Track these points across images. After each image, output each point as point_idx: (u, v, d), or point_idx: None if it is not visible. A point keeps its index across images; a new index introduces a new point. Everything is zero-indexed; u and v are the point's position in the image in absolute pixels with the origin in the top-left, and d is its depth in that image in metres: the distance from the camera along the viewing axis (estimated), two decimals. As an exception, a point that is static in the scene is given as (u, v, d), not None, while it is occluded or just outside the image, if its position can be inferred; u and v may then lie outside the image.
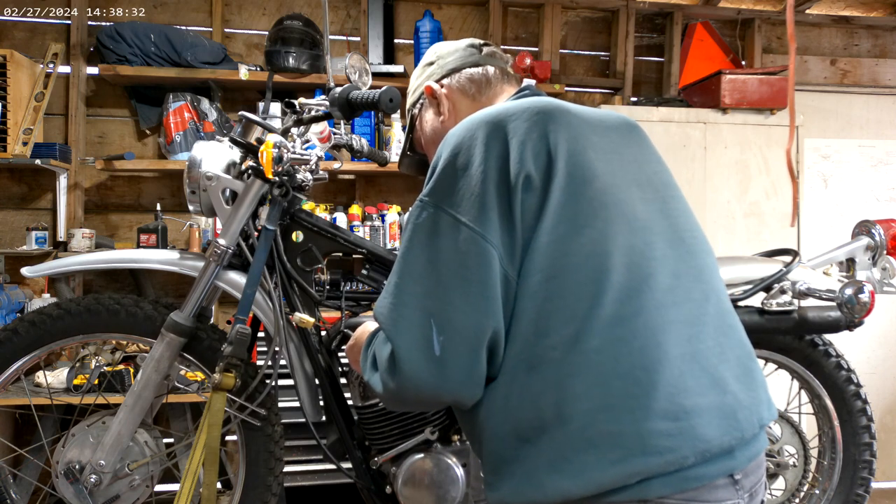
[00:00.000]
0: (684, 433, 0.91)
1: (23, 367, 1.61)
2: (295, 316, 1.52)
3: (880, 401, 3.56)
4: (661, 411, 0.91)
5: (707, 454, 0.92)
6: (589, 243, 0.97)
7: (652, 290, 0.97)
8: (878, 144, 3.69)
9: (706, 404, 0.94)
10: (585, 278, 0.95)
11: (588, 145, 1.04)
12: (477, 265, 0.96)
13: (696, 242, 1.09)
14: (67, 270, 1.61)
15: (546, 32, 3.44)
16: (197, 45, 2.96)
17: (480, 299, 0.96)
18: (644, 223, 1.02)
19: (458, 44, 1.36)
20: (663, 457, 0.90)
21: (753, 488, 1.00)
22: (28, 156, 2.75)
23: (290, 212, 1.59)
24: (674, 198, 1.12)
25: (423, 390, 0.97)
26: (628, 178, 1.06)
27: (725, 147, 3.05)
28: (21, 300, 2.84)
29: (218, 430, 1.45)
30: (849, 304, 1.59)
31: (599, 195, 1.00)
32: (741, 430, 0.96)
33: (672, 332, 0.96)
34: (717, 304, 1.05)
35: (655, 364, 0.93)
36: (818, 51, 3.70)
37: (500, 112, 1.06)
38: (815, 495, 1.87)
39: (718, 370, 0.98)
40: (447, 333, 0.95)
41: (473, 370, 0.97)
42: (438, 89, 1.33)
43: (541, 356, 0.95)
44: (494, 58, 1.34)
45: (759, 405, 1.01)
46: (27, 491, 2.34)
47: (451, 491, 1.43)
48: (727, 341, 1.03)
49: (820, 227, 3.57)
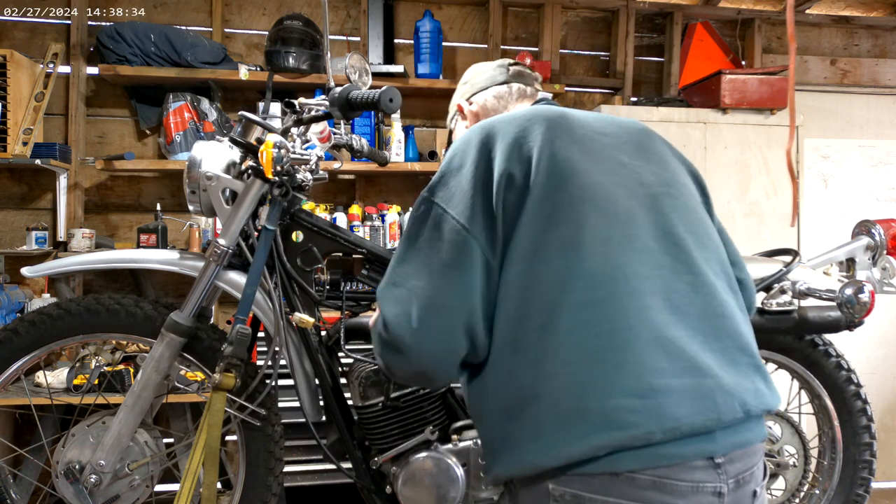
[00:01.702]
0: (650, 410, 0.96)
1: (23, 367, 1.61)
2: (295, 316, 1.52)
3: (880, 401, 3.56)
4: (627, 389, 0.97)
5: (677, 432, 0.95)
6: (565, 234, 1.05)
7: (627, 277, 1.02)
8: (878, 144, 3.69)
9: (678, 385, 0.98)
10: (559, 266, 1.03)
11: (577, 148, 1.12)
12: (457, 253, 1.07)
13: (691, 237, 1.12)
14: (67, 270, 1.61)
15: (546, 32, 3.44)
16: (197, 45, 2.96)
17: (458, 284, 1.06)
18: (626, 217, 1.08)
19: (490, 64, 1.51)
20: (627, 431, 0.95)
21: (741, 476, 1.02)
22: (28, 156, 2.75)
23: (290, 212, 1.59)
24: (671, 195, 1.15)
25: (404, 359, 1.10)
26: (618, 177, 1.12)
27: (725, 147, 3.05)
28: (21, 300, 2.84)
29: (218, 430, 1.45)
30: (849, 304, 1.59)
31: (579, 191, 1.07)
32: (718, 412, 0.98)
33: (646, 317, 1.01)
34: (707, 297, 1.07)
35: (624, 346, 0.99)
36: (818, 51, 3.70)
37: (498, 119, 1.17)
38: (815, 495, 1.87)
39: (700, 356, 1.01)
40: (425, 310, 1.07)
41: (446, 346, 1.07)
42: (467, 106, 1.49)
43: (521, 339, 1.03)
44: (521, 76, 1.47)
45: (744, 391, 1.03)
46: (27, 491, 2.34)
47: (451, 491, 1.43)
48: (715, 331, 1.06)
49: (820, 227, 3.57)
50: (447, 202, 1.11)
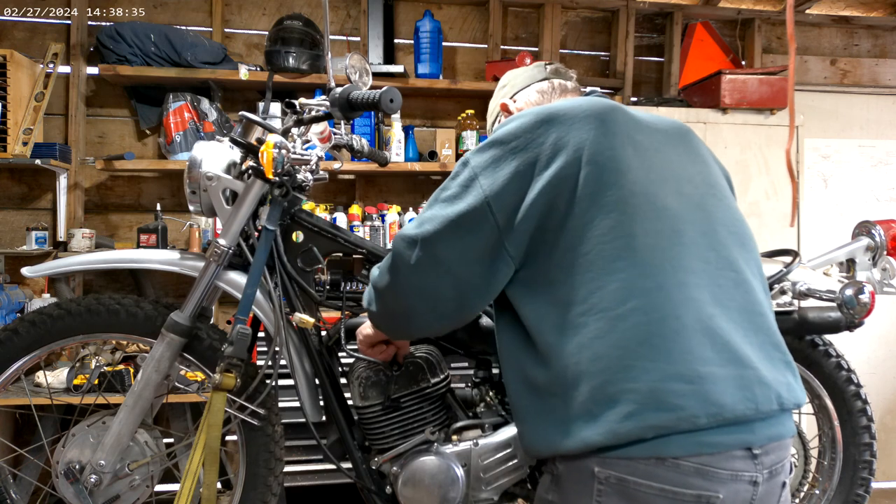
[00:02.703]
0: (697, 394, 0.99)
1: (23, 367, 1.61)
2: (295, 316, 1.52)
3: (880, 401, 3.56)
4: (675, 374, 1.00)
5: (720, 419, 0.99)
6: (616, 225, 1.08)
7: (675, 269, 1.06)
8: (878, 144, 3.69)
9: (723, 374, 1.02)
10: (611, 255, 1.06)
11: (629, 143, 1.15)
12: (470, 221, 1.12)
13: (732, 237, 1.17)
14: (67, 270, 1.61)
15: (546, 32, 3.44)
16: (197, 45, 2.96)
17: (460, 245, 1.13)
18: (674, 212, 1.12)
19: (527, 67, 1.53)
20: (675, 413, 0.98)
21: (774, 467, 1.06)
22: (28, 156, 2.75)
23: (291, 212, 1.59)
24: (714, 195, 1.20)
25: (389, 288, 1.20)
26: (665, 175, 1.16)
27: (725, 147, 3.05)
28: (21, 300, 2.84)
29: (218, 431, 1.45)
30: (849, 304, 1.59)
31: (630, 186, 1.10)
32: (756, 402, 1.02)
33: (693, 308, 1.05)
34: (746, 294, 1.12)
35: (673, 334, 1.02)
36: (818, 51, 3.70)
37: (556, 107, 1.18)
38: (815, 495, 1.87)
39: (742, 348, 1.06)
40: (423, 253, 1.15)
41: (430, 294, 1.16)
42: (511, 104, 1.49)
43: (571, 321, 1.06)
44: (559, 73, 1.49)
45: (779, 385, 1.07)
46: (27, 491, 2.34)
47: (451, 491, 1.43)
48: (753, 327, 1.10)
49: (820, 228, 3.57)
50: (482, 170, 1.14)
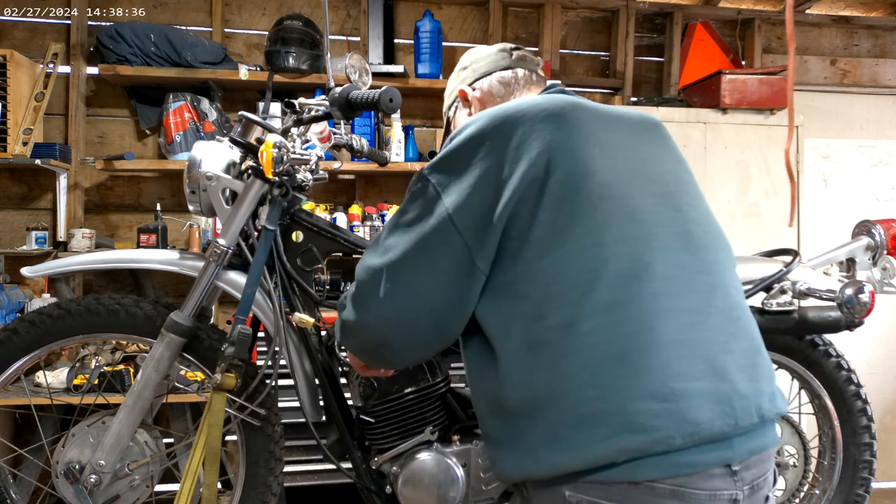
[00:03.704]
0: (671, 413, 0.94)
1: (23, 367, 1.61)
2: (295, 316, 1.52)
3: (880, 401, 3.56)
4: (649, 392, 0.95)
5: (696, 437, 0.94)
6: (586, 233, 1.02)
7: (650, 278, 1.01)
8: (878, 144, 3.69)
9: (699, 389, 0.97)
10: (581, 266, 1.01)
11: (594, 142, 1.09)
12: (438, 241, 1.07)
13: (706, 236, 1.11)
14: (67, 270, 1.61)
15: (546, 32, 3.44)
16: (197, 45, 2.96)
17: (430, 270, 1.07)
18: (647, 215, 1.06)
19: (490, 49, 1.43)
20: (649, 435, 0.93)
21: (755, 482, 1.01)
22: (28, 156, 2.75)
23: (290, 212, 1.59)
24: (687, 193, 1.14)
25: (362, 327, 1.15)
26: (635, 174, 1.10)
27: (725, 147, 3.05)
28: (21, 300, 2.84)
29: (219, 431, 1.45)
30: (849, 304, 1.59)
31: (599, 189, 1.04)
32: (735, 418, 0.97)
33: (669, 318, 0.99)
34: (724, 297, 1.07)
35: (647, 348, 0.97)
36: (818, 51, 3.70)
37: (513, 109, 1.11)
38: (816, 495, 1.87)
39: (719, 358, 1.00)
40: (393, 285, 1.09)
41: (407, 325, 1.10)
42: (471, 92, 1.40)
43: (539, 338, 1.01)
44: (524, 61, 1.40)
45: (759, 396, 1.02)
46: (27, 491, 2.34)
47: (451, 491, 1.43)
48: (732, 332, 1.05)
49: (820, 227, 3.57)
50: (444, 187, 1.08)
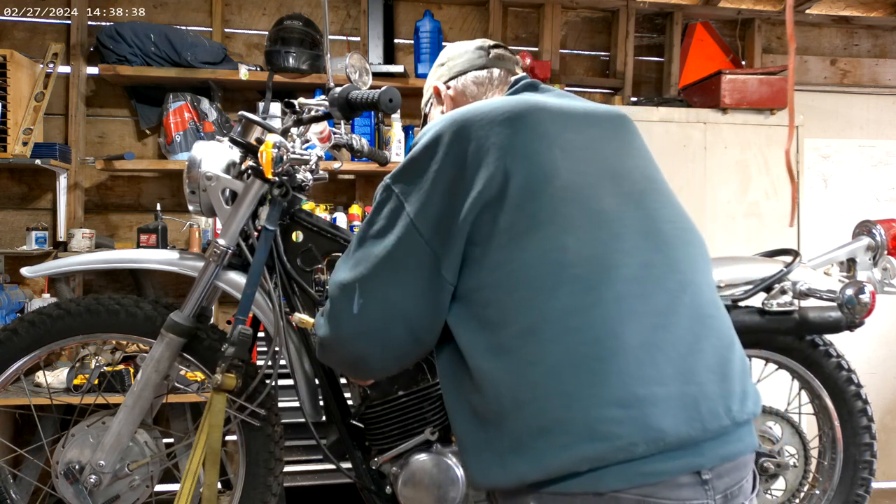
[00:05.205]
0: (635, 420, 0.92)
1: (23, 367, 1.61)
2: (295, 316, 1.52)
3: (880, 401, 3.56)
4: (612, 399, 0.93)
5: (661, 444, 0.92)
6: (547, 238, 1.00)
7: (613, 281, 0.99)
8: (878, 144, 3.69)
9: (664, 394, 0.94)
10: (543, 271, 0.99)
11: (555, 144, 1.07)
12: (404, 251, 1.07)
13: (677, 233, 1.09)
14: (67, 270, 1.61)
15: (546, 32, 3.44)
16: (197, 45, 2.96)
17: (399, 281, 1.07)
18: (612, 215, 1.04)
19: (468, 45, 1.40)
20: (610, 442, 0.91)
21: (729, 490, 0.98)
22: (28, 156, 2.75)
23: (290, 212, 1.59)
24: (655, 190, 1.12)
25: (339, 342, 1.15)
26: (601, 173, 1.08)
27: (725, 147, 3.05)
28: (21, 300, 2.84)
29: (219, 431, 1.45)
30: (849, 304, 1.59)
31: (561, 192, 1.03)
32: (702, 422, 0.95)
33: (634, 322, 0.97)
34: (694, 295, 1.04)
35: (610, 354, 0.95)
36: (818, 51, 3.70)
37: (471, 113, 1.09)
38: (816, 495, 1.87)
39: (686, 360, 0.98)
40: (366, 299, 1.09)
41: (383, 336, 1.10)
42: (444, 90, 1.38)
43: (504, 345, 0.99)
44: (502, 60, 1.36)
45: (728, 397, 0.99)
46: (27, 491, 2.34)
47: (451, 491, 1.43)
48: (702, 332, 1.02)
49: (820, 227, 3.57)
50: (406, 196, 1.08)
